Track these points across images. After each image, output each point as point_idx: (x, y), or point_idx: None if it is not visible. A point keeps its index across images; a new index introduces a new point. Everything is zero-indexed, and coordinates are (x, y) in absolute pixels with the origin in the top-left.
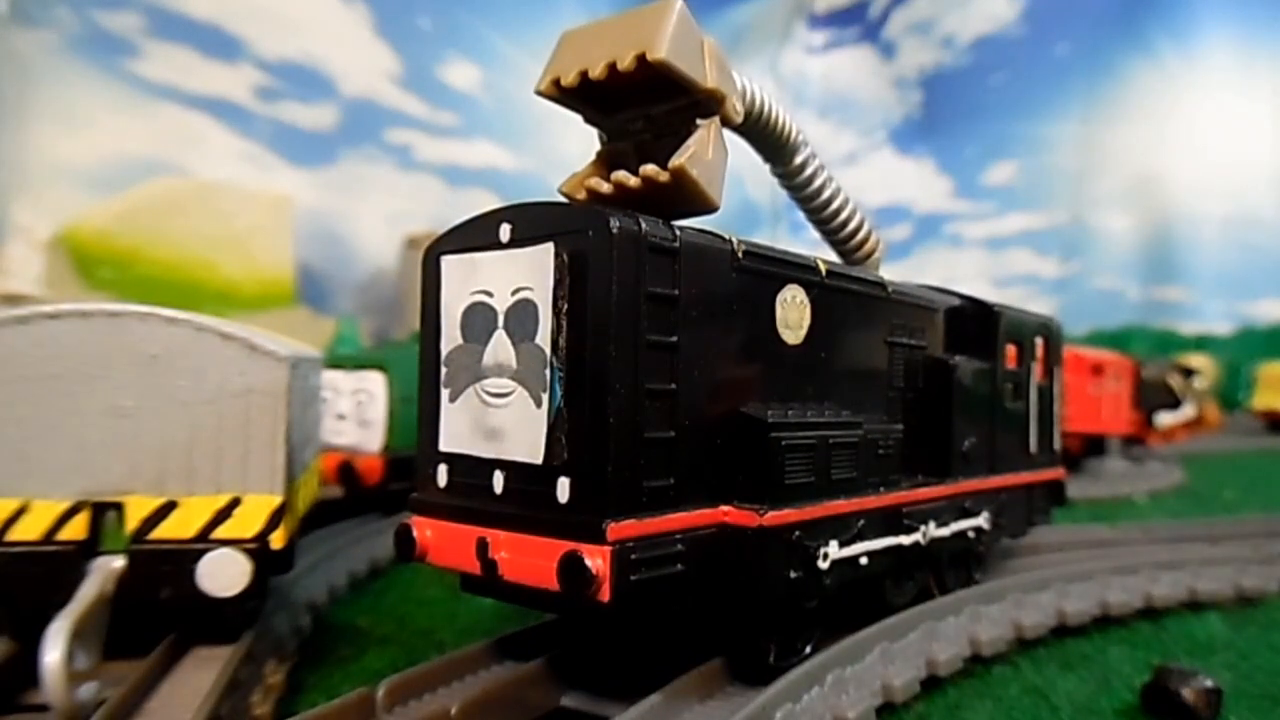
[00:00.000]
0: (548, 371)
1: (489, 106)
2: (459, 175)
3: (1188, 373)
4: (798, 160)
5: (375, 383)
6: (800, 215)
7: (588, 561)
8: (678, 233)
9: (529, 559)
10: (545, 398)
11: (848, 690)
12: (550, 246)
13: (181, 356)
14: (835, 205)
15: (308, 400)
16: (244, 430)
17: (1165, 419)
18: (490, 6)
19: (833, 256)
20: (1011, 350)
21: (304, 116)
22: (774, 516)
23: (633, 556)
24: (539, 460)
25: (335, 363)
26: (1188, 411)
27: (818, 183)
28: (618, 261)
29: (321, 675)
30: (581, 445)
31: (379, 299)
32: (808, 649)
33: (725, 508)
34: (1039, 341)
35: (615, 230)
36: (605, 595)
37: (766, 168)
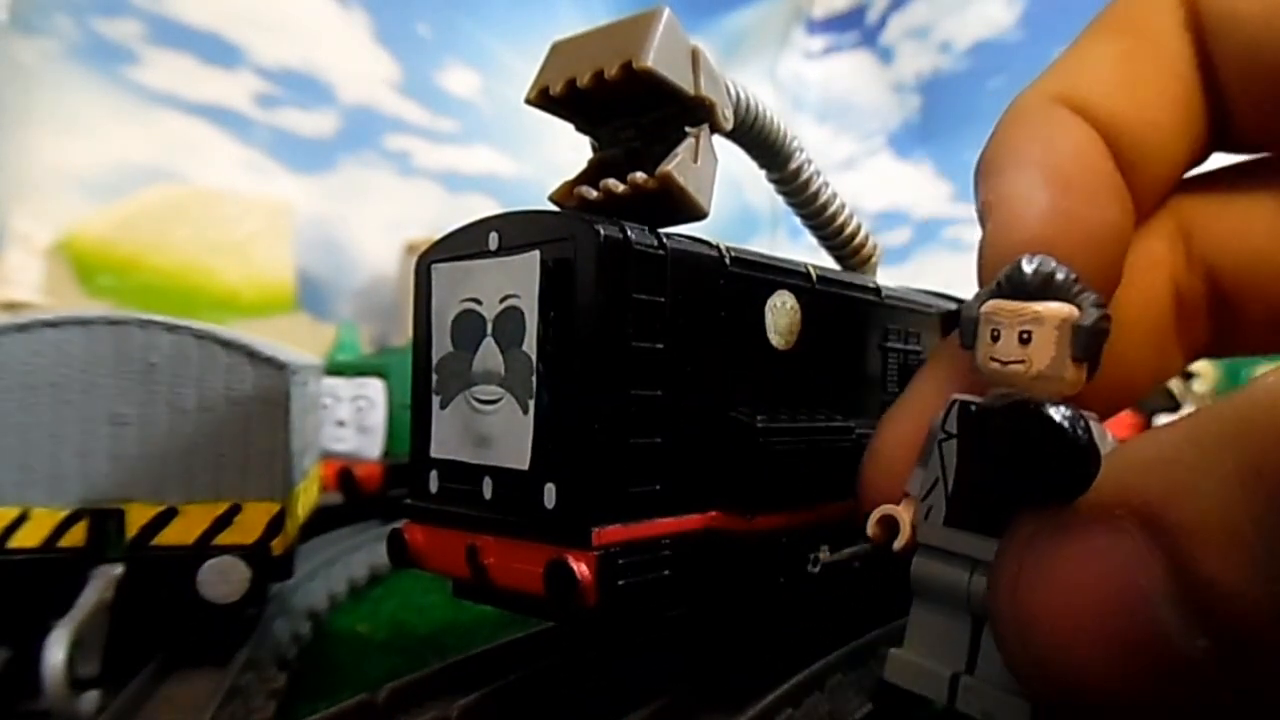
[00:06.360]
0: (534, 378)
1: (488, 113)
2: (458, 181)
3: (1187, 375)
4: (792, 166)
5: (375, 389)
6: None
7: (573, 567)
8: (664, 240)
9: (517, 564)
10: (532, 404)
11: (848, 695)
12: (536, 254)
13: (182, 364)
14: (831, 210)
15: (307, 407)
16: (244, 437)
17: (1164, 421)
18: (490, 13)
19: (830, 262)
20: None
21: (303, 123)
22: (762, 521)
23: (618, 562)
24: (526, 466)
25: (335, 369)
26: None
27: (813, 188)
28: (603, 268)
29: (322, 682)
30: (567, 451)
31: (379, 305)
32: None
33: (713, 513)
34: None
35: (600, 238)
36: (591, 600)
37: (763, 173)
